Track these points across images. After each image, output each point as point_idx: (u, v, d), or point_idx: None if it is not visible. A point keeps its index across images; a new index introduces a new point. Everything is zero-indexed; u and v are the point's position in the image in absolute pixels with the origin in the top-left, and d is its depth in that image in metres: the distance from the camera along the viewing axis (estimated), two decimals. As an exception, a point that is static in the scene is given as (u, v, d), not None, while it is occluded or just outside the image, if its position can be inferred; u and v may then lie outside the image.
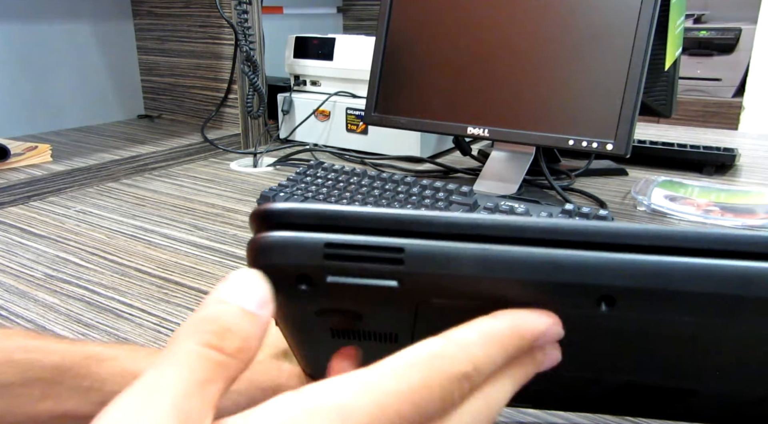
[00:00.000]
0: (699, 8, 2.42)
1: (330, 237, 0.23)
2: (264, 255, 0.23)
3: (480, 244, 0.23)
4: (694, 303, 0.24)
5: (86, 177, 0.94)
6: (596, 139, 0.75)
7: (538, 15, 0.80)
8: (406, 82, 0.90)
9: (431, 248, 0.23)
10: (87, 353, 0.32)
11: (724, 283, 0.23)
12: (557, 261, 0.23)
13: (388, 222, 0.24)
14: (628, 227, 0.24)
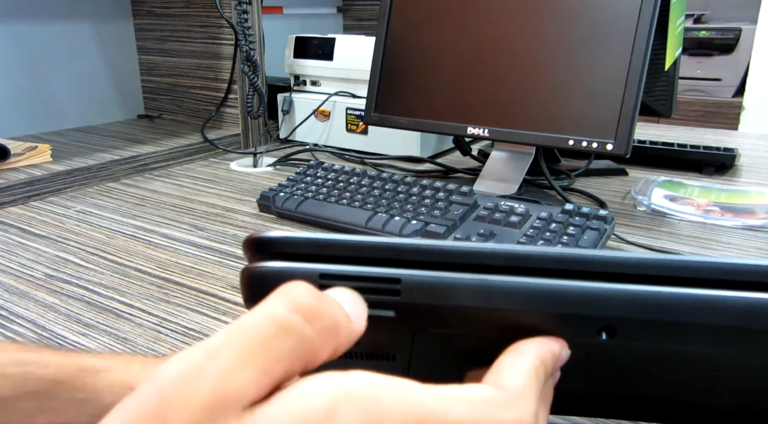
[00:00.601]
0: (699, 8, 2.42)
1: (324, 268, 0.23)
2: (257, 286, 0.23)
3: (477, 274, 0.23)
4: (696, 334, 0.23)
5: (86, 177, 0.94)
6: (596, 139, 0.75)
7: (538, 15, 0.80)
8: (406, 82, 0.90)
9: (428, 279, 0.23)
10: (81, 365, 0.32)
11: (726, 315, 0.23)
12: (556, 292, 0.23)
13: (384, 251, 0.23)
14: (629, 257, 0.23)
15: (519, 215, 0.68)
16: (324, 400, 0.19)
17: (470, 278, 0.23)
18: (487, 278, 0.23)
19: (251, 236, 0.24)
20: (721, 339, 0.23)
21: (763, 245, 0.69)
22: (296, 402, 0.18)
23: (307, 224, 0.76)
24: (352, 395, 0.19)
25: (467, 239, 0.65)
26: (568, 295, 0.23)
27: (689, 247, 0.69)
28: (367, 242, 0.24)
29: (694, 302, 0.23)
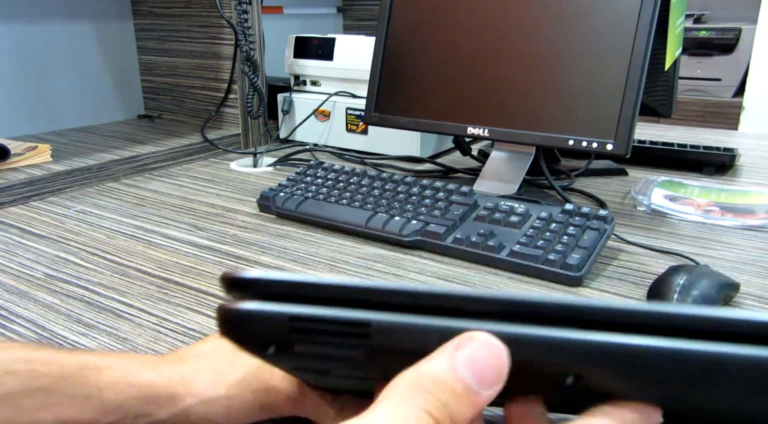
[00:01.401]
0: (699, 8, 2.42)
1: (296, 310, 0.24)
2: (232, 325, 0.24)
3: (447, 318, 0.23)
4: (662, 380, 0.23)
5: (86, 177, 0.94)
6: (596, 139, 0.75)
7: (538, 15, 0.80)
8: (406, 82, 0.90)
9: (398, 324, 0.23)
10: (84, 362, 0.33)
11: (693, 367, 0.22)
12: (523, 339, 0.23)
13: (354, 293, 0.24)
14: (598, 305, 0.23)
15: (519, 215, 0.68)
16: None
17: (439, 324, 0.23)
18: (456, 324, 0.23)
19: (228, 274, 0.24)
20: (688, 385, 0.23)
21: (763, 245, 0.69)
22: None
23: (307, 223, 0.76)
24: None
25: (467, 239, 0.65)
26: (535, 343, 0.23)
27: (689, 247, 0.69)
28: (339, 284, 0.24)
29: (660, 353, 0.22)
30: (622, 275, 0.62)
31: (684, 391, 0.24)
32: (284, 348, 0.24)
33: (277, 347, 0.24)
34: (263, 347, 0.25)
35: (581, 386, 0.24)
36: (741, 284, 0.58)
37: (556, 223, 0.65)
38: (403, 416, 0.21)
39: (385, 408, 0.21)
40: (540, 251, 0.61)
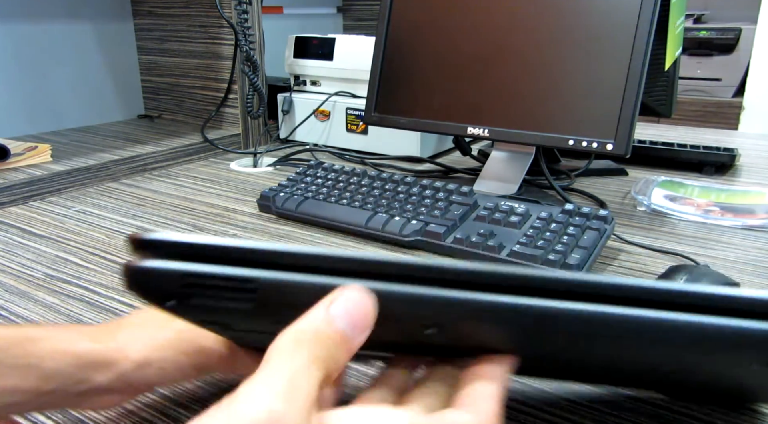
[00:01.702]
0: (699, 8, 2.42)
1: (189, 268, 0.27)
2: (134, 280, 0.27)
3: (324, 277, 0.26)
4: (502, 331, 0.27)
5: (86, 177, 0.94)
6: (596, 139, 0.75)
7: (538, 15, 0.80)
8: (406, 82, 0.90)
9: (280, 280, 0.26)
10: (24, 335, 0.35)
11: (526, 319, 0.26)
12: (390, 295, 0.26)
13: (245, 253, 0.27)
14: (453, 266, 0.26)
15: (519, 215, 0.68)
16: None
17: (318, 281, 0.26)
18: (331, 281, 0.26)
19: (133, 236, 0.27)
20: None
21: (763, 245, 0.69)
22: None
23: (307, 223, 0.76)
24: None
25: (467, 239, 0.65)
26: (397, 298, 0.26)
27: (689, 247, 0.69)
28: (231, 245, 0.27)
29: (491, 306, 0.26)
30: (622, 275, 0.62)
31: (523, 340, 0.28)
32: (182, 301, 0.27)
33: (176, 300, 0.27)
34: (164, 300, 0.27)
35: (442, 337, 0.27)
36: (741, 284, 0.58)
37: (556, 223, 0.65)
38: (296, 369, 0.23)
39: (278, 365, 0.24)
40: (540, 251, 0.61)
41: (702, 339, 0.25)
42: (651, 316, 0.25)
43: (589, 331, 0.26)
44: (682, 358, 0.27)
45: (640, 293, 0.26)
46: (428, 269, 0.26)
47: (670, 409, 0.41)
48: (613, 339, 0.26)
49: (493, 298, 0.26)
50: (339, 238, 0.72)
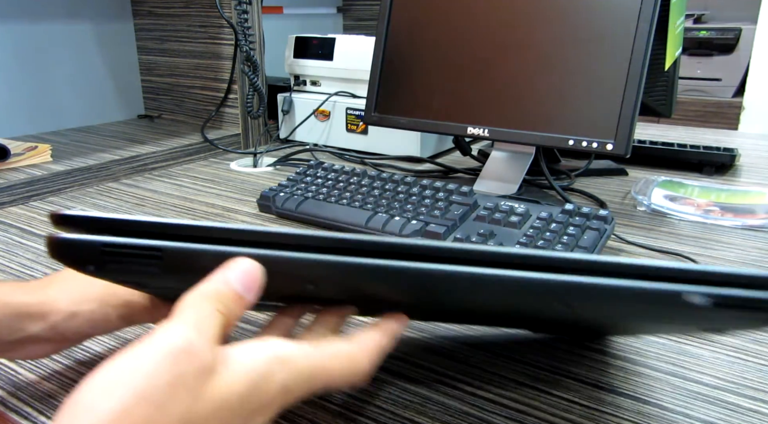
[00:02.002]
0: (699, 8, 2.42)
1: (106, 239, 0.32)
2: (56, 250, 0.32)
3: (219, 246, 0.31)
4: (359, 288, 0.33)
5: (86, 177, 0.94)
6: (596, 139, 0.75)
7: (538, 15, 0.80)
8: (406, 82, 0.90)
9: (181, 249, 0.31)
10: None
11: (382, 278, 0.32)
12: (274, 259, 0.31)
13: (151, 227, 0.32)
14: (324, 236, 0.32)
15: (519, 215, 0.68)
16: (264, 362, 0.29)
17: (213, 249, 0.31)
18: (225, 250, 0.31)
19: (55, 212, 0.32)
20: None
21: (763, 245, 0.69)
22: (251, 365, 0.29)
23: (307, 223, 0.76)
24: (278, 358, 0.30)
25: (467, 238, 0.65)
26: (282, 261, 0.32)
27: (689, 247, 0.69)
28: (141, 220, 0.32)
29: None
30: (622, 275, 0.62)
31: (379, 292, 0.33)
32: (100, 267, 0.32)
33: (94, 266, 0.32)
34: (84, 266, 0.32)
35: (319, 291, 0.33)
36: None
37: (556, 223, 0.65)
38: (203, 314, 0.29)
39: (188, 311, 0.30)
40: (540, 251, 0.61)
41: (517, 289, 0.31)
42: (477, 272, 0.31)
43: (420, 284, 0.32)
44: (511, 303, 0.34)
45: (467, 254, 0.31)
46: (298, 238, 0.32)
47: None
48: (444, 291, 0.32)
49: (346, 259, 0.31)
50: (339, 238, 0.72)
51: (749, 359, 0.47)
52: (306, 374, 0.30)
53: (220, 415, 0.27)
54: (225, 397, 0.28)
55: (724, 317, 0.30)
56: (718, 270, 0.29)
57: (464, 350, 0.48)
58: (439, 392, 0.43)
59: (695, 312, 0.29)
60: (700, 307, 0.28)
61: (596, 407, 0.41)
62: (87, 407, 0.25)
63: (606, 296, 0.30)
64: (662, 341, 0.49)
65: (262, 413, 0.29)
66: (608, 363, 0.46)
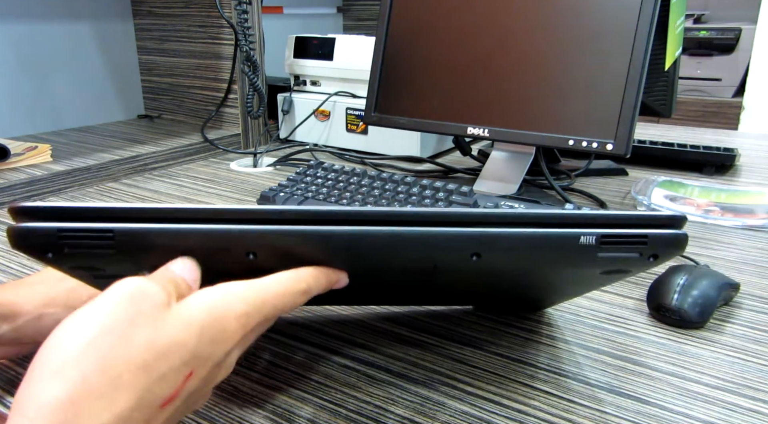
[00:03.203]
0: (699, 8, 2.42)
1: (61, 225, 0.33)
2: (17, 240, 0.33)
3: (167, 223, 0.34)
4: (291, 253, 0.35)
5: (86, 177, 0.94)
6: (596, 139, 0.75)
7: (538, 15, 0.80)
8: (406, 82, 0.90)
9: (131, 229, 0.34)
10: None
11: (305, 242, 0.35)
12: (210, 233, 0.34)
13: (103, 212, 0.34)
14: (254, 209, 0.34)
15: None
16: (218, 296, 0.32)
17: (159, 228, 0.34)
18: (169, 227, 0.34)
19: (13, 205, 0.33)
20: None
21: (763, 245, 0.69)
22: (206, 299, 0.32)
23: (307, 224, 0.76)
24: (231, 293, 0.32)
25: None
26: (220, 234, 0.34)
27: (689, 247, 0.69)
28: (94, 206, 0.34)
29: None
30: (622, 275, 0.62)
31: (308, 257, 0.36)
32: (58, 252, 0.34)
33: (53, 252, 0.34)
34: (43, 253, 0.34)
35: (261, 261, 0.35)
36: (741, 284, 0.58)
37: (556, 223, 0.65)
38: (153, 279, 0.32)
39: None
40: (540, 251, 0.61)
41: (432, 244, 0.34)
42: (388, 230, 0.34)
43: (351, 245, 0.35)
44: (426, 260, 0.36)
45: (381, 216, 0.34)
46: (234, 212, 0.34)
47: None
48: (371, 251, 0.35)
49: (273, 228, 0.34)
50: (339, 238, 0.72)
51: (749, 359, 0.47)
52: (258, 299, 0.33)
53: (182, 342, 0.29)
54: (185, 326, 0.30)
55: (613, 257, 0.34)
56: (603, 214, 0.34)
57: (464, 350, 0.48)
58: (439, 392, 0.43)
59: (589, 252, 0.34)
60: (592, 247, 0.33)
61: (596, 407, 0.41)
62: (56, 345, 0.28)
63: (514, 245, 0.34)
64: (662, 341, 0.49)
65: (227, 342, 0.31)
66: (608, 363, 0.46)
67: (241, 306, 0.32)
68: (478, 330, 0.51)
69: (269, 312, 0.34)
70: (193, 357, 0.30)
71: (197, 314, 0.31)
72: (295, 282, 0.35)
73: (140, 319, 0.29)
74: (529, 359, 0.47)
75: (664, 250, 0.34)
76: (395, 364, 0.46)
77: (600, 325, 0.52)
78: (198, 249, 0.35)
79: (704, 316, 0.51)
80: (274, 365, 0.46)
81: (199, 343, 0.30)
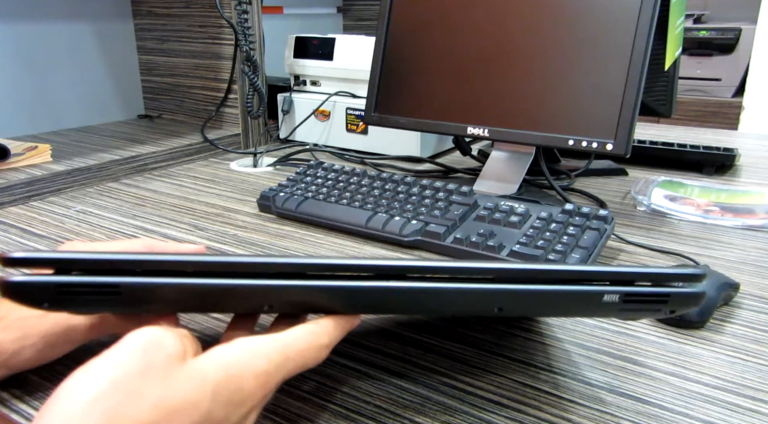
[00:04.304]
0: (699, 8, 2.42)
1: (60, 279, 0.32)
2: (9, 292, 0.32)
3: (175, 277, 0.32)
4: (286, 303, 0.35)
5: (86, 177, 0.94)
6: (596, 139, 0.75)
7: (538, 15, 0.80)
8: (406, 82, 0.90)
9: (139, 283, 0.32)
10: None
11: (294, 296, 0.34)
12: (219, 286, 0.33)
13: (107, 264, 0.32)
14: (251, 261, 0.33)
15: (519, 215, 0.68)
16: (236, 354, 0.31)
17: (168, 282, 0.32)
18: (180, 281, 0.32)
19: (4, 255, 0.31)
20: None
21: (763, 245, 0.69)
22: (223, 355, 0.30)
23: (307, 223, 0.76)
24: (249, 349, 0.31)
25: (467, 239, 0.65)
26: (208, 290, 0.33)
27: (689, 247, 0.69)
28: (97, 257, 0.32)
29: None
30: (622, 275, 0.62)
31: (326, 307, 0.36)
32: (55, 305, 0.32)
33: (49, 303, 0.32)
34: (39, 304, 0.32)
35: (276, 310, 0.35)
36: (741, 284, 0.58)
37: (556, 223, 0.65)
38: (169, 326, 0.32)
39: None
40: (540, 251, 0.61)
41: (449, 300, 0.35)
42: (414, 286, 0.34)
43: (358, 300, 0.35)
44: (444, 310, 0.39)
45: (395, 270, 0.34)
46: (248, 265, 0.33)
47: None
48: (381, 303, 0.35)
49: (290, 283, 0.33)
50: (339, 238, 0.72)
51: (749, 359, 0.47)
52: (278, 358, 0.31)
53: (194, 401, 0.28)
54: (198, 384, 0.28)
55: (634, 310, 0.35)
56: (626, 271, 0.35)
57: (464, 350, 0.48)
58: (439, 392, 0.43)
59: (611, 306, 0.35)
60: (615, 303, 0.34)
61: (596, 407, 0.41)
62: (66, 396, 0.27)
63: (539, 300, 0.35)
64: (662, 341, 0.49)
65: (244, 404, 0.30)
66: (608, 363, 0.46)
67: (261, 364, 0.31)
68: (478, 330, 0.51)
69: (291, 370, 0.32)
70: (205, 419, 0.28)
71: (212, 371, 0.29)
72: (317, 337, 0.34)
73: (152, 373, 0.28)
74: (529, 359, 0.47)
75: (682, 306, 0.35)
76: (395, 364, 0.46)
77: (600, 325, 0.52)
78: (213, 303, 0.34)
79: (704, 316, 0.51)
80: (274, 365, 0.46)
81: (213, 403, 0.28)
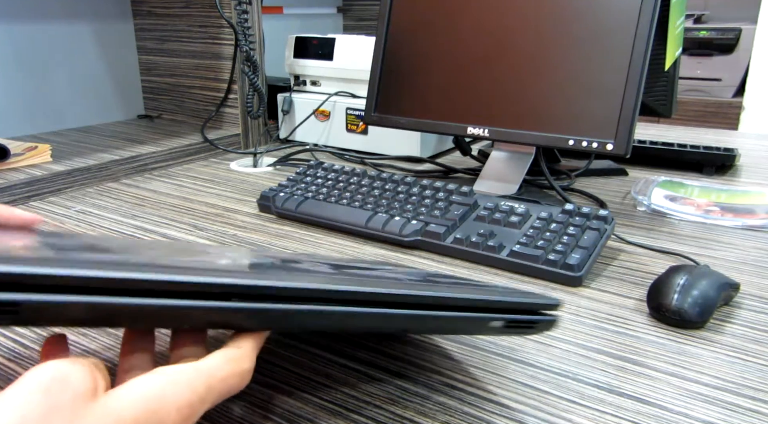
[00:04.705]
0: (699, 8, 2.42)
1: None
2: None
3: (89, 296, 0.29)
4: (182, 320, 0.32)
5: (86, 177, 0.94)
6: (596, 139, 0.75)
7: (538, 15, 0.80)
8: (406, 82, 0.90)
9: (43, 301, 0.29)
10: None
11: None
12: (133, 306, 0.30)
13: (6, 277, 0.29)
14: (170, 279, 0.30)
15: (519, 215, 0.68)
16: (156, 386, 0.28)
17: (80, 300, 0.29)
18: (90, 300, 0.29)
19: None
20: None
21: (763, 245, 0.69)
22: (141, 388, 0.27)
23: (307, 223, 0.76)
24: (170, 380, 0.28)
25: (467, 239, 0.65)
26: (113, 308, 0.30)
27: (689, 247, 0.69)
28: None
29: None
30: (622, 275, 0.62)
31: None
32: None
33: None
34: None
35: (193, 327, 0.34)
36: (741, 284, 0.58)
37: (556, 223, 0.65)
38: (76, 358, 0.29)
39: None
40: (540, 251, 0.61)
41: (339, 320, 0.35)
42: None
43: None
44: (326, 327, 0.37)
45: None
46: (159, 283, 0.30)
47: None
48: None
49: (198, 303, 0.31)
50: (339, 238, 0.72)
51: (749, 359, 0.47)
52: (201, 388, 0.29)
53: None
54: (112, 423, 0.26)
55: (513, 331, 0.41)
56: (507, 300, 0.40)
57: (464, 350, 0.48)
58: (439, 392, 0.43)
59: (497, 329, 0.40)
60: (498, 327, 0.40)
61: (596, 407, 0.41)
62: None
63: (438, 325, 0.38)
64: (662, 341, 0.49)
65: None
66: (608, 363, 0.46)
67: (185, 395, 0.28)
68: (478, 330, 0.51)
69: (214, 400, 0.30)
70: None
71: (129, 407, 0.26)
72: (239, 363, 0.32)
73: (57, 416, 0.24)
74: (529, 359, 0.47)
75: (544, 330, 0.42)
76: (395, 364, 0.46)
77: (600, 325, 0.52)
78: (126, 322, 0.31)
79: (704, 316, 0.51)
80: (274, 365, 0.46)
81: None
